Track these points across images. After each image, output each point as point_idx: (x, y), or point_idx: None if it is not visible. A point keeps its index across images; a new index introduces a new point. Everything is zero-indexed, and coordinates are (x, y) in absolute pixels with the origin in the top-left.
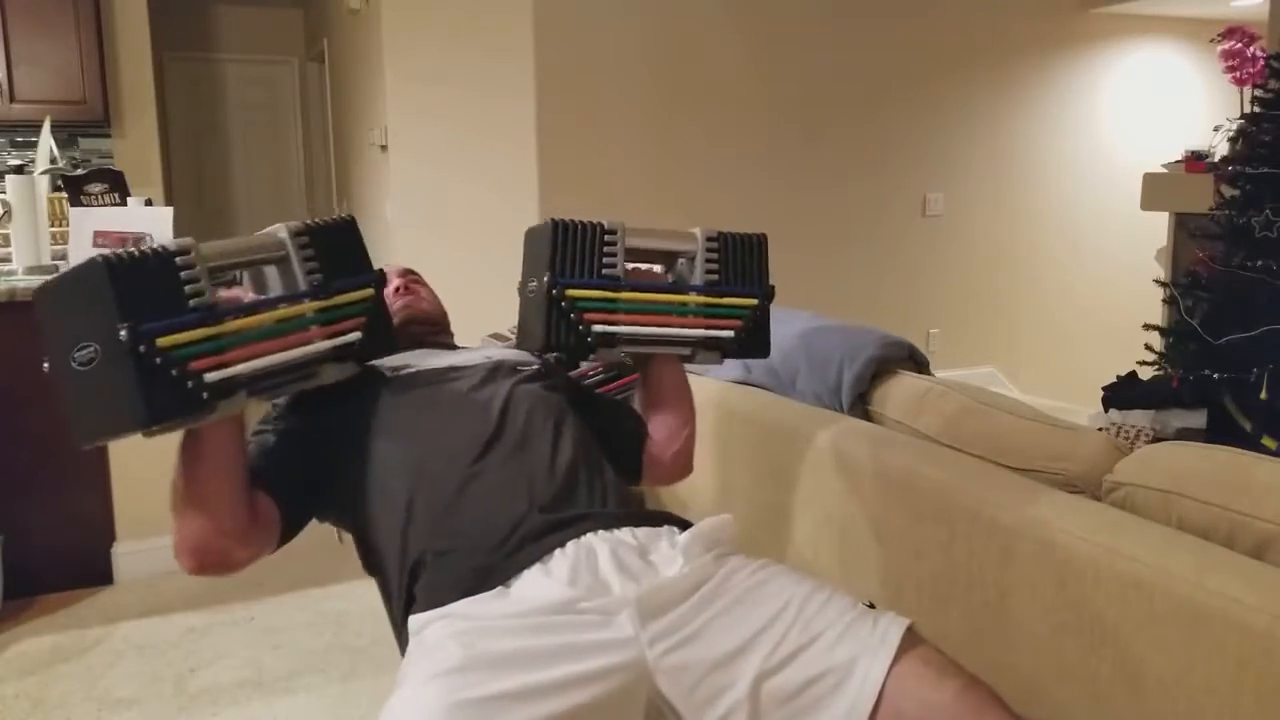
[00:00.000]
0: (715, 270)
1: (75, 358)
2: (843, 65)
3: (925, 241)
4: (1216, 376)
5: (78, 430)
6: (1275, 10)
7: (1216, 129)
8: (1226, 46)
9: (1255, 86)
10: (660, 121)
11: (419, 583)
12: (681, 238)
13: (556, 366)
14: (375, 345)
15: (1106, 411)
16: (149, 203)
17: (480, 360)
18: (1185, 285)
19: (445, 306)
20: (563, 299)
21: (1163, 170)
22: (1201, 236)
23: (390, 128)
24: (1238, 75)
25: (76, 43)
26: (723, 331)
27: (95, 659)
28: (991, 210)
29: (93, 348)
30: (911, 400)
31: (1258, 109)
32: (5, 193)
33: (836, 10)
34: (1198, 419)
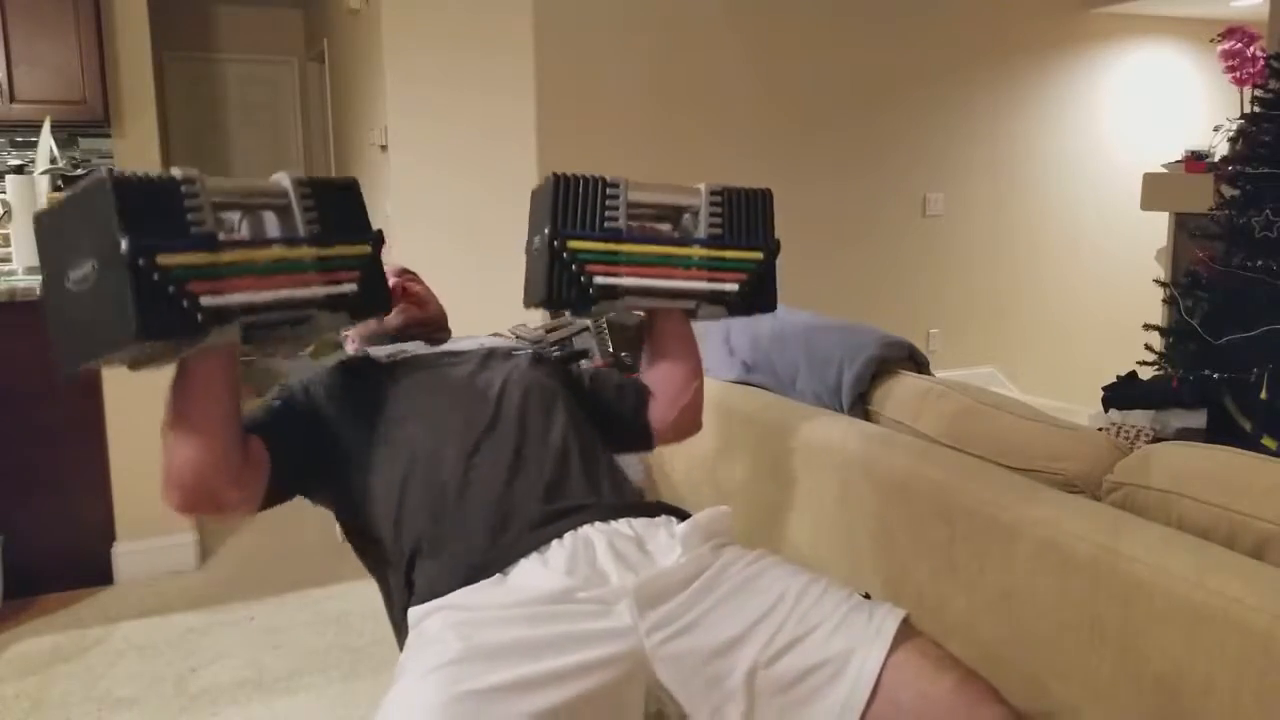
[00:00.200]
0: (719, 224)
1: (71, 277)
2: (843, 65)
3: (925, 241)
4: (1216, 376)
5: (66, 354)
6: (1275, 10)
7: (1216, 129)
8: (1226, 46)
9: (1255, 86)
10: (660, 122)
11: (415, 569)
12: (685, 192)
13: (548, 353)
14: (370, 302)
15: (1106, 411)
16: None
17: (474, 347)
18: (1185, 285)
19: (444, 306)
20: (564, 250)
21: (1163, 170)
22: (1201, 236)
23: (390, 128)
24: (1238, 75)
25: (76, 43)
26: (726, 285)
27: (95, 659)
28: (991, 210)
29: (90, 264)
30: (911, 400)
31: (1258, 109)
32: (5, 193)
33: (836, 10)
34: (1198, 419)
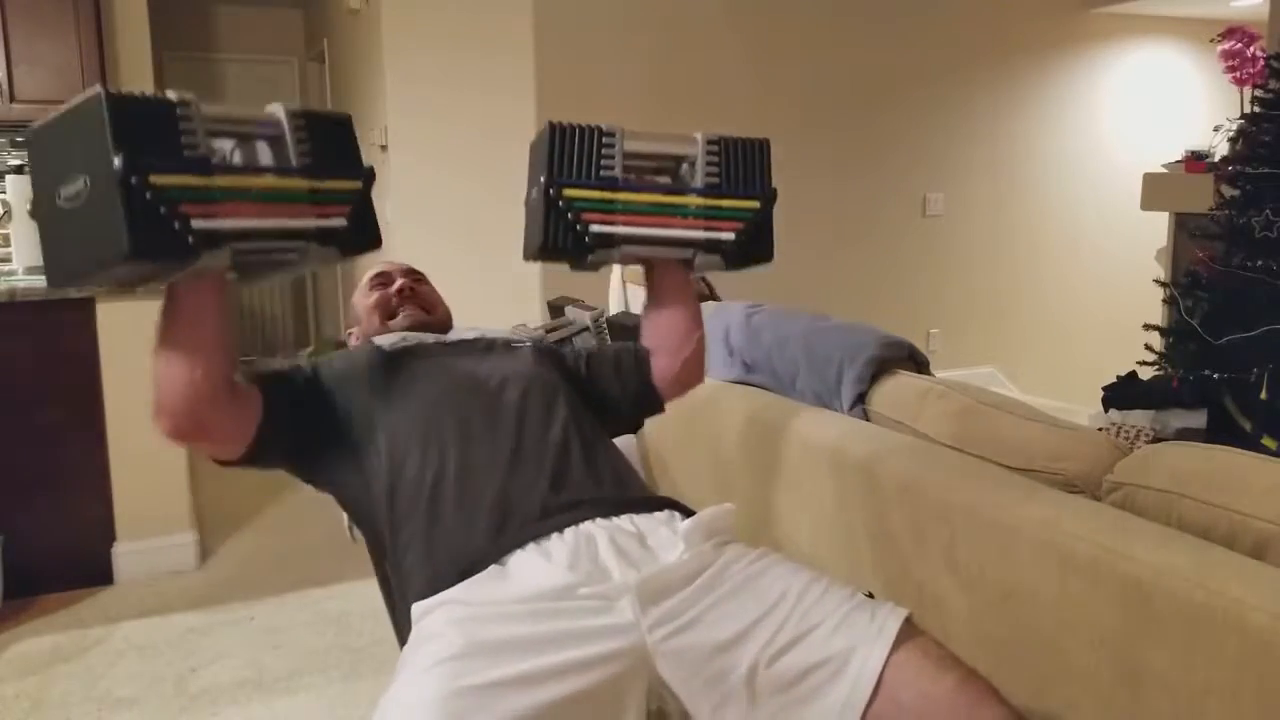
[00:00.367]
0: (716, 173)
1: (62, 194)
2: (843, 65)
3: (925, 241)
4: (1216, 376)
5: (56, 268)
6: (1275, 10)
7: (1216, 129)
8: (1226, 46)
9: (1255, 86)
10: (660, 122)
11: (414, 559)
12: (682, 141)
13: (548, 343)
14: (360, 238)
15: (1106, 411)
16: None
17: (474, 337)
18: (1185, 285)
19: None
20: (560, 199)
21: (1163, 170)
22: (1201, 236)
23: (390, 128)
24: (1238, 75)
25: (76, 42)
26: (723, 234)
27: (95, 659)
28: (991, 210)
29: (82, 181)
30: (911, 400)
31: (1258, 109)
32: (5, 193)
33: (836, 10)
34: (1198, 419)
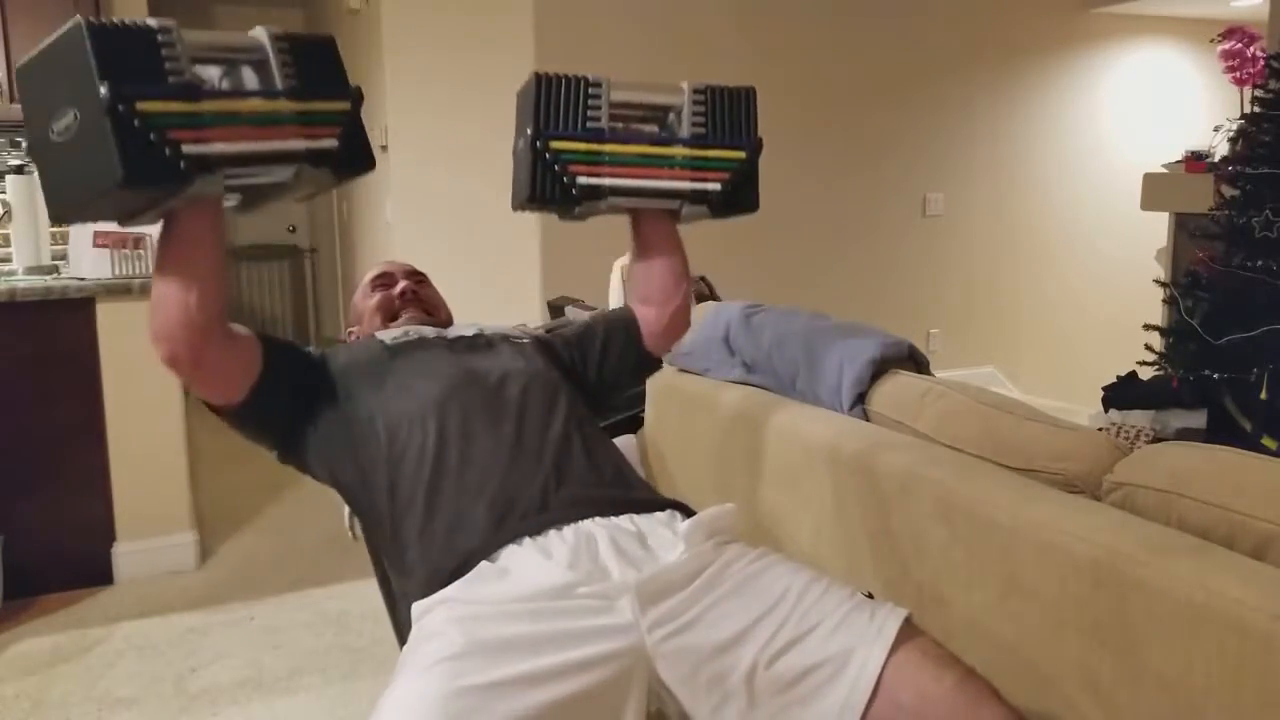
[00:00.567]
0: (702, 123)
1: (54, 128)
2: (842, 65)
3: (925, 241)
4: (1216, 376)
5: (56, 202)
6: (1275, 10)
7: (1216, 129)
8: (1226, 46)
9: (1255, 86)
10: None
11: (412, 553)
12: (668, 90)
13: (545, 337)
14: (353, 158)
15: (1106, 411)
16: None
17: (473, 333)
18: (1185, 285)
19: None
20: (547, 150)
21: (1163, 170)
22: (1201, 236)
23: (390, 127)
24: (1238, 75)
25: None
26: (709, 184)
27: (95, 659)
28: (991, 210)
29: (71, 114)
30: (911, 400)
31: (1258, 109)
32: (5, 193)
33: (836, 10)
34: (1198, 419)
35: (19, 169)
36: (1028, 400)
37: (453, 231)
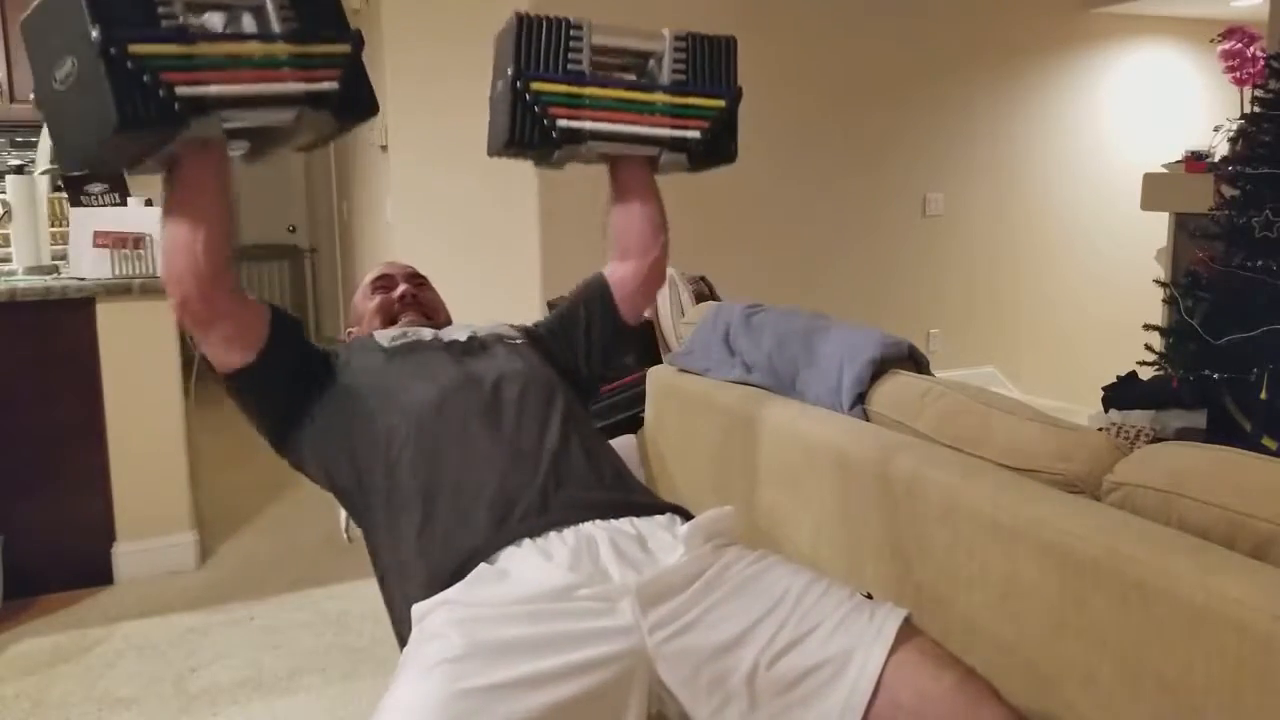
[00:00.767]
0: (682, 70)
1: (56, 77)
2: (842, 65)
3: (925, 241)
4: (1216, 376)
5: (63, 152)
6: (1275, 10)
7: (1216, 129)
8: (1226, 46)
9: (1255, 86)
10: None
11: (409, 552)
12: (649, 36)
13: (537, 332)
14: (354, 101)
15: (1106, 411)
16: (149, 203)
17: (467, 336)
18: (1185, 285)
19: (444, 305)
20: (527, 91)
21: (1163, 170)
22: (1201, 236)
23: (390, 127)
24: (1238, 75)
25: None
26: (689, 132)
27: (95, 659)
28: (991, 210)
29: (70, 62)
30: (911, 400)
31: (1258, 109)
32: (5, 193)
33: (835, 10)
34: (1198, 419)
35: (19, 169)
36: (1028, 400)
37: (453, 231)
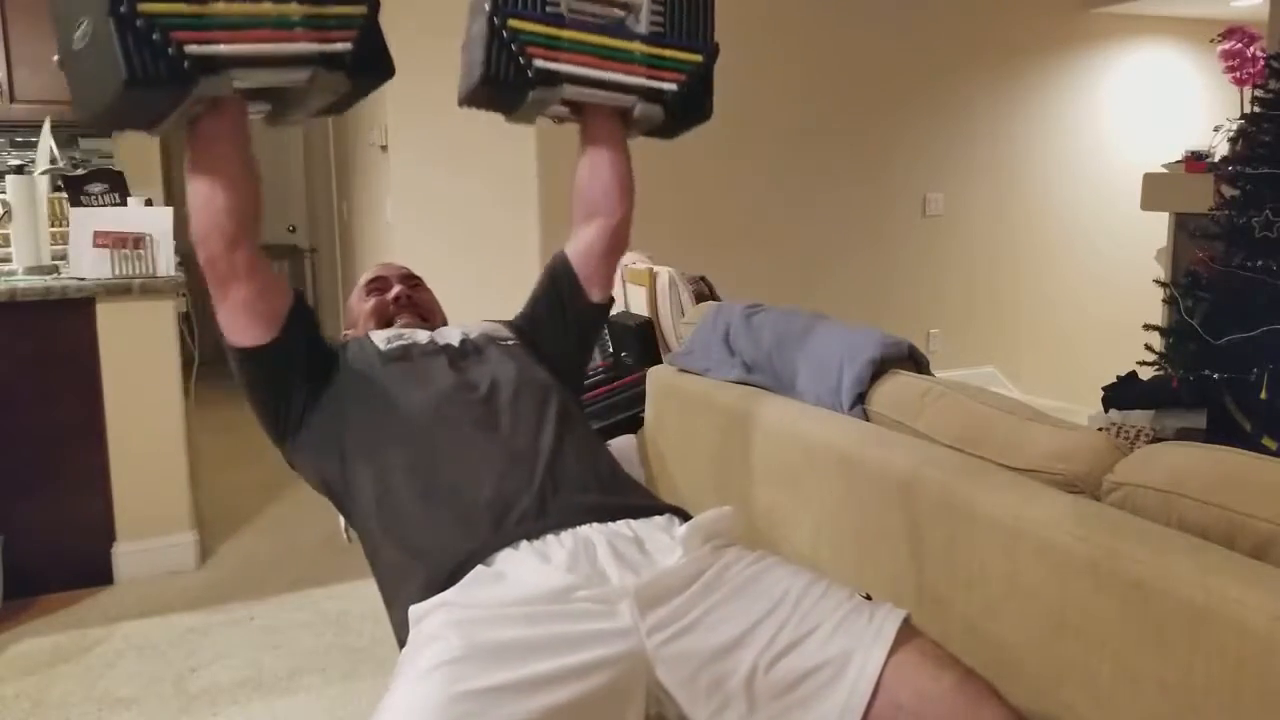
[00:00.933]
0: (660, 22)
1: (74, 38)
2: (842, 65)
3: (925, 241)
4: (1216, 376)
5: (82, 109)
6: (1275, 10)
7: (1216, 129)
8: (1226, 46)
9: (1255, 86)
10: None
11: (405, 554)
12: None
13: (526, 328)
14: (370, 64)
15: (1106, 411)
16: (149, 203)
17: (459, 339)
18: (1185, 285)
19: (444, 306)
20: (505, 28)
21: (1163, 170)
22: (1201, 236)
23: (390, 127)
24: (1238, 75)
25: None
26: (665, 84)
27: (95, 659)
28: (991, 210)
29: (86, 22)
30: (911, 400)
31: (1258, 109)
32: (5, 193)
33: (836, 10)
34: (1198, 419)
35: (19, 169)
36: (1028, 400)
37: (452, 231)
